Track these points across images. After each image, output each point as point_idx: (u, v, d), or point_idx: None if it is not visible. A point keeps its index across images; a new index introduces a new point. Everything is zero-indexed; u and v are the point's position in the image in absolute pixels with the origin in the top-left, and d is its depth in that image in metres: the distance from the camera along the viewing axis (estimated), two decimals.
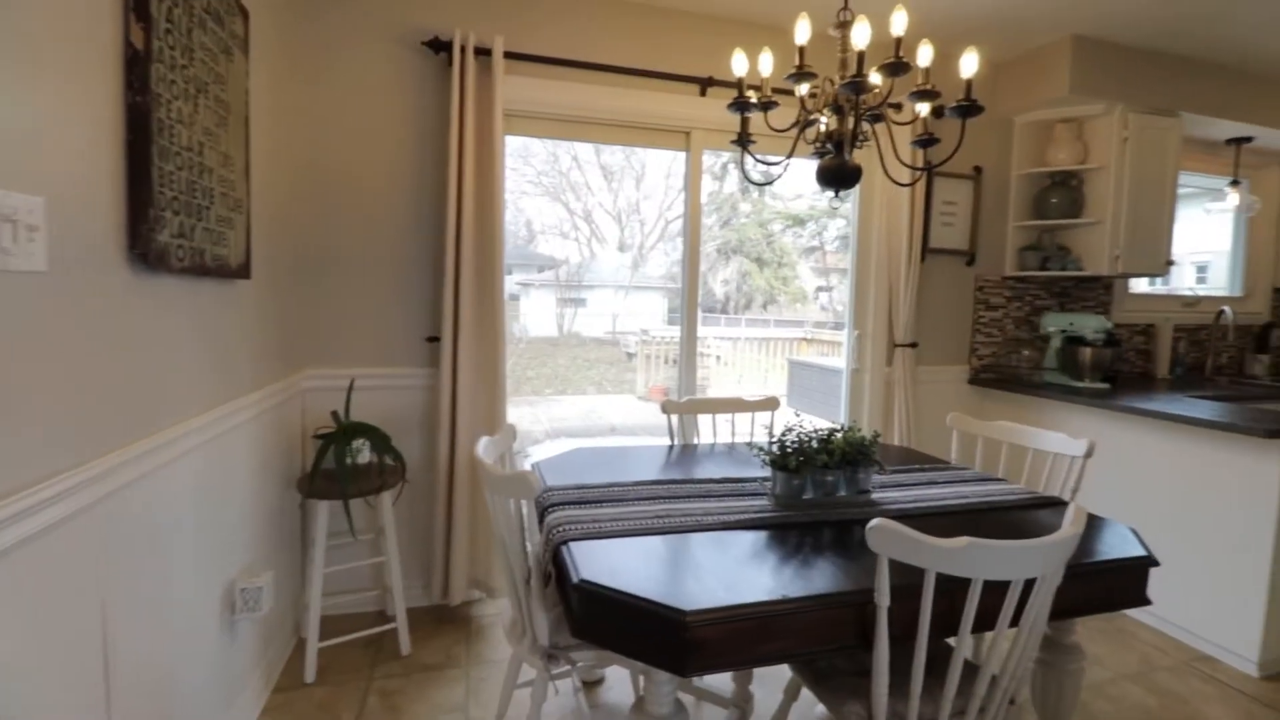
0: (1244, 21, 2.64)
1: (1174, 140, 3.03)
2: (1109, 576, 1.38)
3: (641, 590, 1.12)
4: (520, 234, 16.23)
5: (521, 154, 14.40)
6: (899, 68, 1.45)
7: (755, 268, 17.42)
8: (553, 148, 14.69)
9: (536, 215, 17.09)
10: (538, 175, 15.97)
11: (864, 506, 1.59)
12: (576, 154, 15.57)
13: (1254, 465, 2.13)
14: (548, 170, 15.85)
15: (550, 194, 16.17)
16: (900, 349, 2.92)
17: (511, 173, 13.34)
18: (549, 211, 17.03)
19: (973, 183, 3.11)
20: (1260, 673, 2.13)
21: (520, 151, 13.93)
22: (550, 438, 5.58)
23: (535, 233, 17.07)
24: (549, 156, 15.86)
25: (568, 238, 16.62)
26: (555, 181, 15.68)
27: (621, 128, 2.66)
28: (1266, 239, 3.89)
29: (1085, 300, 3.38)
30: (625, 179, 17.30)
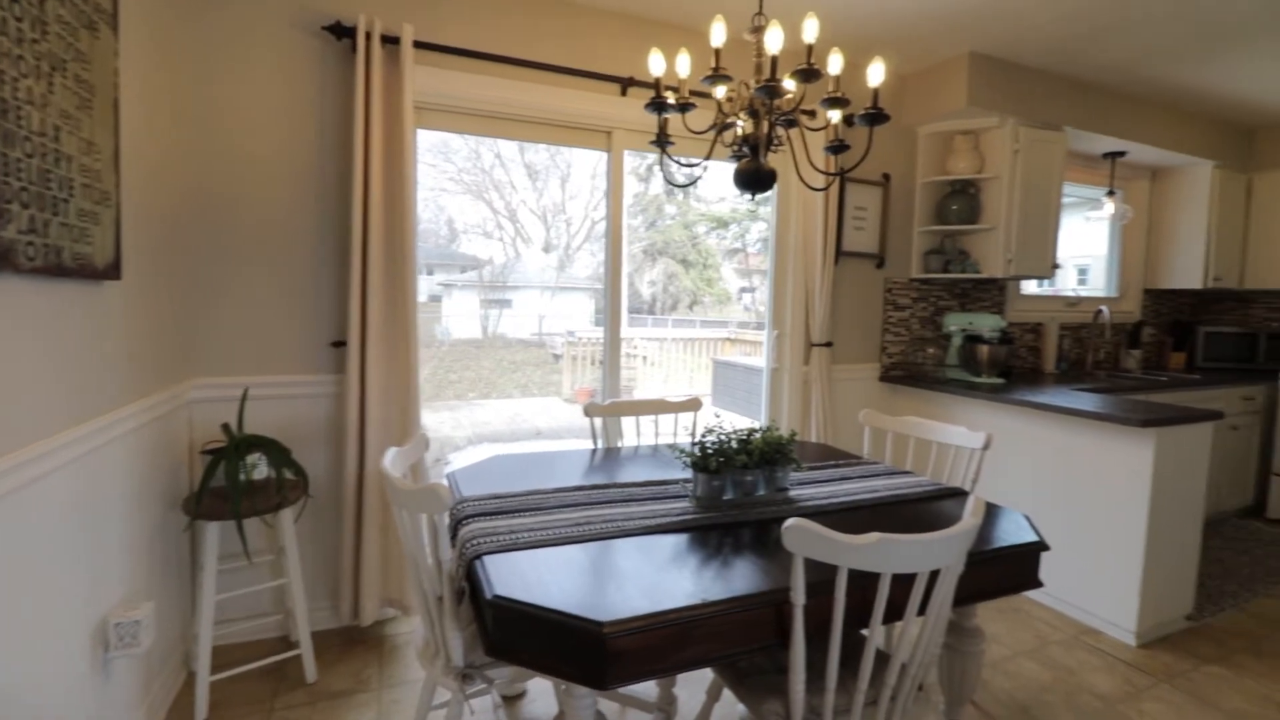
0: (1119, 47, 2.90)
1: (1059, 153, 3.29)
2: (1006, 563, 1.46)
3: (558, 603, 1.08)
4: (441, 233, 15.71)
5: (441, 150, 13.93)
6: (810, 74, 1.48)
7: (681, 269, 17.66)
8: (475, 145, 14.31)
9: (459, 214, 16.59)
10: (459, 172, 15.49)
11: (782, 505, 1.62)
12: (500, 151, 15.23)
13: (1130, 451, 2.34)
14: (469, 168, 15.41)
15: (473, 192, 15.74)
16: (816, 348, 3.01)
17: (430, 169, 12.87)
18: (472, 210, 16.56)
19: (882, 189, 3.26)
20: (1137, 641, 2.33)
21: (439, 147, 13.47)
22: (473, 444, 5.42)
23: (457, 232, 16.56)
24: (471, 153, 15.42)
25: (491, 237, 16.24)
26: (478, 179, 15.28)
27: (541, 125, 2.60)
28: (1137, 245, 4.30)
29: (983, 301, 3.61)
30: (551, 178, 17.08)
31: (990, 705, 1.96)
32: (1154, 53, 2.94)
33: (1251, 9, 2.49)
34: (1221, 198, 3.95)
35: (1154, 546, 2.31)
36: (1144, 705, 1.98)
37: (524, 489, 1.65)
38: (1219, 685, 2.10)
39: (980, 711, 1.93)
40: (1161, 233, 4.19)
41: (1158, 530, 2.31)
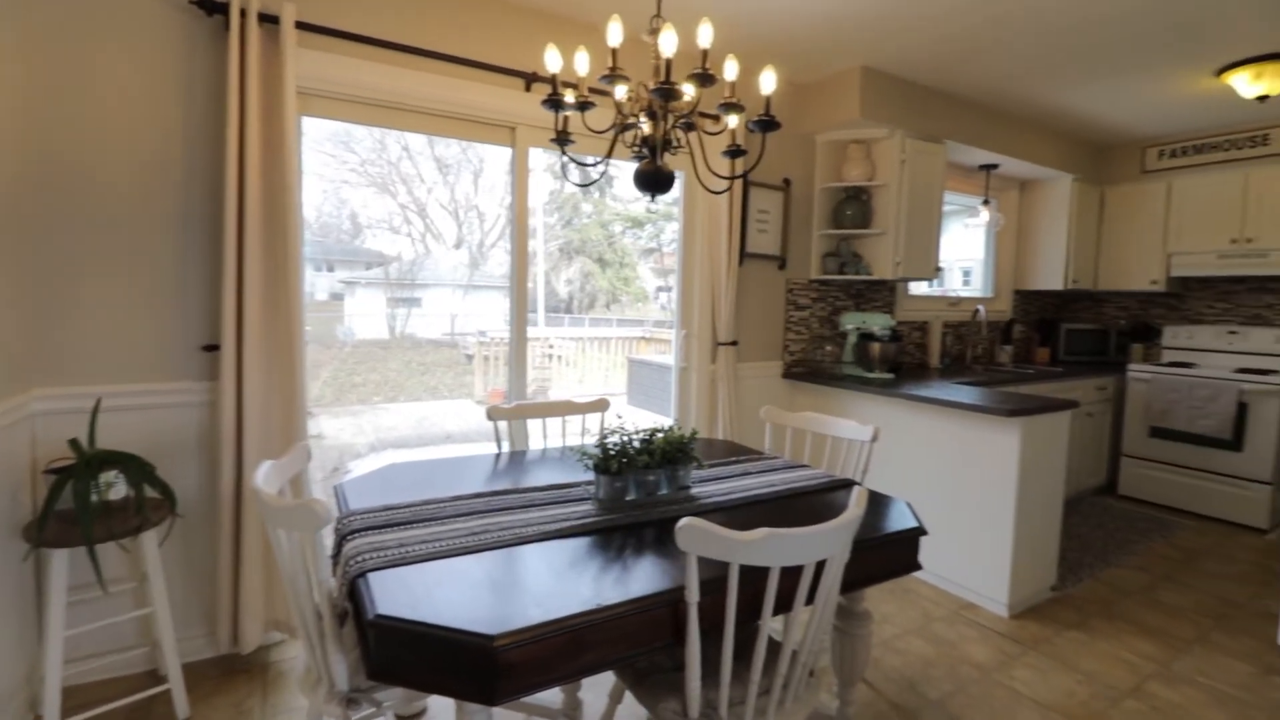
0: (990, 68, 3.15)
1: (940, 164, 3.54)
2: (890, 549, 1.55)
3: (447, 619, 1.04)
4: (344, 227, 14.86)
5: (343, 139, 13.16)
6: (706, 79, 1.50)
7: (598, 268, 17.64)
8: (380, 135, 13.61)
9: (363, 207, 15.75)
10: (363, 164, 14.70)
11: (684, 503, 1.64)
12: (407, 143, 14.57)
13: (1000, 439, 2.55)
14: (374, 159, 14.66)
15: (379, 185, 14.98)
16: (723, 347, 3.08)
17: (329, 159, 12.12)
18: (377, 204, 15.77)
19: (783, 193, 3.38)
20: (1009, 613, 2.55)
21: (340, 137, 12.73)
22: (376, 451, 5.16)
23: (362, 226, 15.72)
24: (376, 144, 14.65)
25: (399, 233, 15.54)
26: (384, 171, 14.56)
27: (442, 118, 2.51)
28: (1009, 250, 4.70)
29: (875, 301, 3.83)
30: (463, 173, 16.54)
31: (881, 683, 2.08)
32: (1020, 75, 3.23)
33: (1096, 42, 2.78)
34: (1079, 208, 4.39)
35: (1022, 525, 2.53)
36: (1015, 672, 2.17)
37: (419, 499, 1.58)
38: (1078, 649, 2.33)
39: (872, 689, 2.04)
40: (1029, 239, 4.61)
41: (1025, 510, 2.54)
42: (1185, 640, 2.40)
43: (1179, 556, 3.21)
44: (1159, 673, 2.18)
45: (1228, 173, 3.95)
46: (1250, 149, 3.89)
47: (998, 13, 2.54)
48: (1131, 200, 4.40)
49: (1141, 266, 4.34)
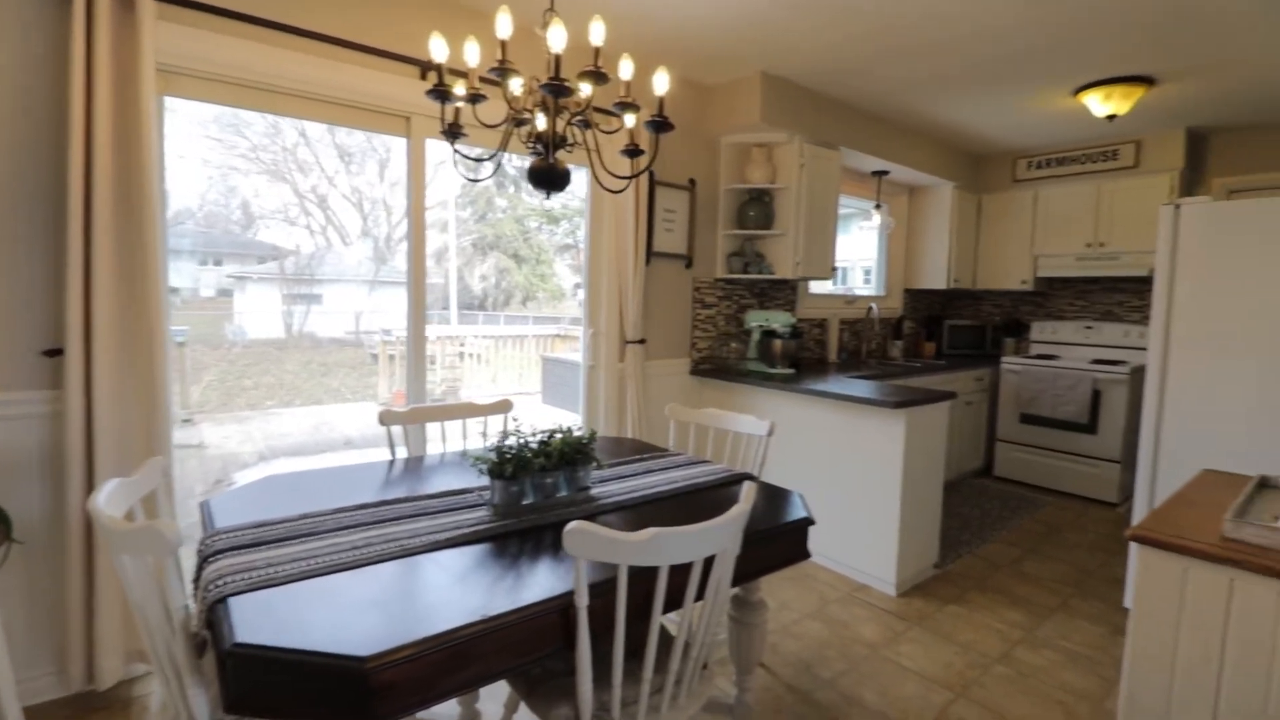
0: (879, 79, 3.33)
1: (836, 169, 3.71)
2: (780, 540, 1.61)
3: (313, 643, 0.97)
4: (234, 218, 13.73)
5: (230, 122, 12.13)
6: (598, 77, 1.49)
7: (514, 264, 17.29)
8: (274, 120, 12.66)
9: (255, 196, 14.61)
10: (254, 150, 13.63)
11: (583, 504, 1.62)
12: (305, 129, 13.63)
13: (887, 429, 2.71)
14: (268, 145, 13.62)
15: (273, 173, 13.95)
16: (631, 345, 3.09)
17: (214, 144, 11.16)
18: (272, 193, 14.68)
19: (689, 193, 3.43)
20: (897, 592, 2.72)
21: (228, 119, 11.73)
22: (265, 460, 4.81)
23: (254, 217, 14.59)
24: (269, 128, 13.60)
25: (296, 224, 14.54)
26: (278, 158, 13.57)
27: (329, 104, 2.36)
28: (899, 251, 5.02)
29: (778, 299, 3.97)
30: (368, 162, 15.67)
31: (779, 667, 2.16)
32: (906, 87, 3.44)
33: (970, 59, 3.00)
34: (959, 213, 4.75)
35: (907, 508, 2.71)
36: (901, 647, 2.32)
37: (296, 513, 1.48)
38: (956, 621, 2.52)
39: (770, 674, 2.12)
40: (917, 241, 4.94)
41: (910, 494, 2.71)
42: (1048, 607, 2.65)
43: (1044, 530, 3.54)
44: (1025, 639, 2.39)
45: (1084, 183, 4.39)
46: (1103, 163, 4.34)
47: (882, 27, 2.69)
48: (1004, 207, 4.80)
49: (1013, 267, 4.75)
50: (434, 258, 15.87)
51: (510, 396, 2.41)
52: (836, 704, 1.97)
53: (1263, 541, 1.22)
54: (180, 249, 12.05)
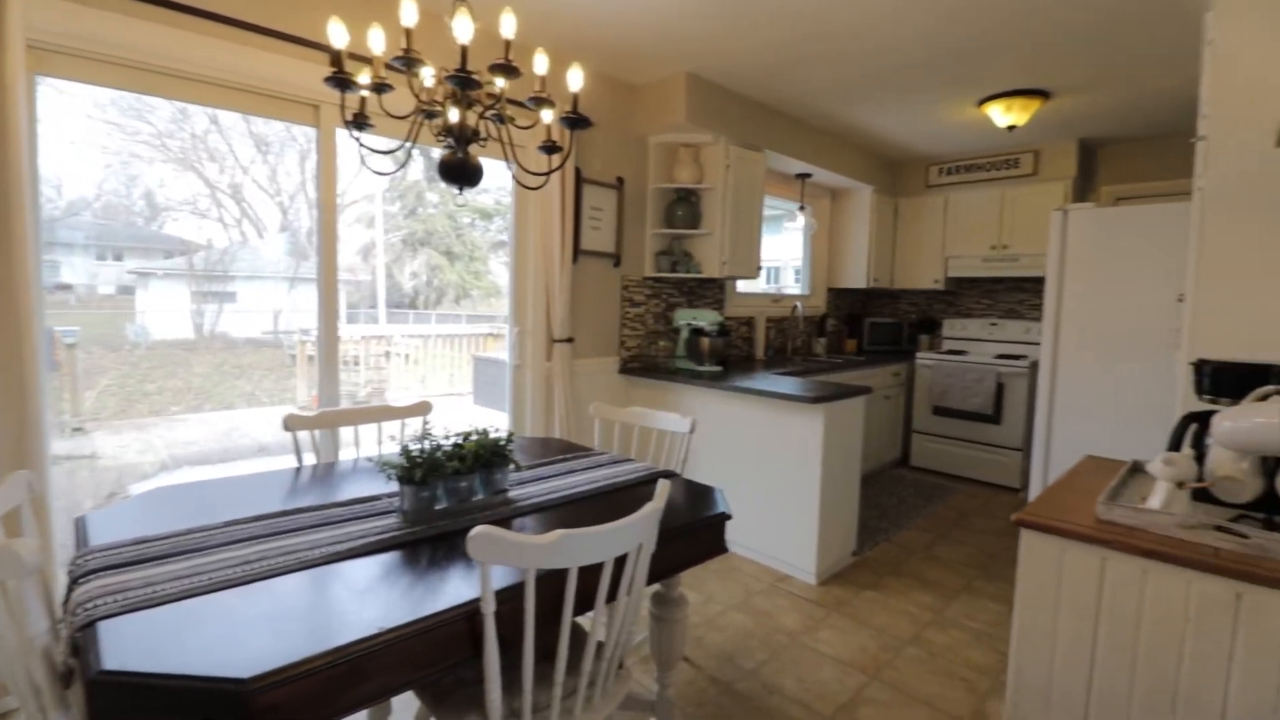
0: (800, 84, 3.43)
1: (760, 170, 3.80)
2: (699, 535, 1.63)
3: (190, 666, 0.91)
4: (136, 209, 12.74)
5: (133, 106, 11.25)
6: (508, 70, 1.46)
7: (446, 261, 16.81)
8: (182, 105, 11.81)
9: (160, 186, 13.60)
10: (160, 136, 12.68)
11: (500, 507, 1.59)
12: (217, 115, 12.80)
13: (807, 423, 2.80)
14: (174, 131, 12.70)
15: (180, 162, 13.02)
16: (558, 344, 3.06)
17: (112, 129, 10.33)
18: (180, 183, 13.70)
19: (617, 192, 3.43)
20: (817, 580, 2.81)
21: (130, 103, 10.87)
22: (168, 470, 4.48)
23: (160, 208, 13.58)
24: (176, 114, 12.68)
25: (207, 217, 13.64)
26: (186, 146, 12.67)
27: (230, 90, 2.22)
28: (822, 251, 5.19)
29: (706, 298, 4.03)
30: (287, 153, 14.87)
31: (703, 660, 2.19)
32: (826, 93, 3.55)
33: (883, 68, 3.13)
34: (878, 216, 4.96)
35: (827, 499, 2.81)
36: (820, 634, 2.40)
37: (184, 527, 1.38)
38: (872, 606, 2.63)
39: (694, 667, 2.15)
40: (839, 242, 5.12)
41: (829, 486, 2.81)
42: (955, 589, 2.81)
43: (955, 516, 3.75)
44: (934, 620, 2.53)
45: (989, 190, 4.68)
46: (1005, 170, 4.63)
47: (799, 35, 2.77)
48: (918, 211, 5.05)
49: (927, 268, 5.00)
50: (361, 254, 15.23)
51: (441, 398, 2.35)
52: (757, 693, 2.02)
53: (1130, 522, 1.32)
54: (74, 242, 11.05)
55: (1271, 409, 1.19)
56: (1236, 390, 1.43)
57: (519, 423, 3.09)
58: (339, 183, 2.48)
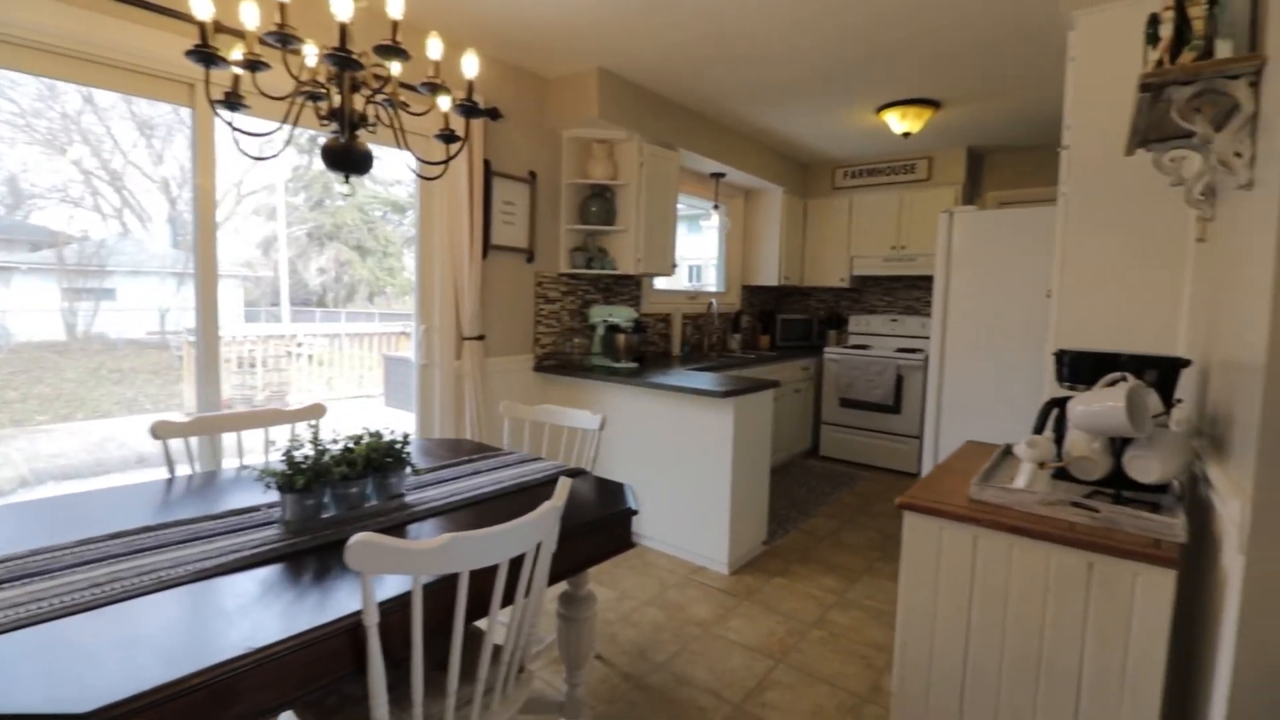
0: (711, 86, 3.49)
1: (674, 169, 3.83)
2: (607, 531, 1.62)
3: (18, 704, 0.81)
4: None
5: None
6: (394, 52, 1.39)
7: (356, 256, 15.99)
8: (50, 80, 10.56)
9: (24, 171, 12.15)
10: (24, 115, 11.31)
11: (395, 513, 1.52)
12: (92, 94, 11.56)
13: (718, 417, 2.85)
14: (42, 110, 11.38)
15: (49, 144, 11.68)
16: (468, 342, 2.97)
17: None
18: (48, 168, 12.29)
19: (529, 186, 3.37)
20: (729, 570, 2.88)
21: None
22: (29, 486, 4.02)
23: (24, 196, 12.14)
24: (44, 91, 11.35)
25: (81, 206, 12.34)
26: (56, 127, 11.39)
27: (96, 65, 2.01)
28: (737, 250, 5.32)
29: (623, 294, 4.04)
30: (176, 137, 13.67)
31: (616, 656, 2.19)
32: (736, 95, 3.63)
33: (788, 75, 3.24)
34: (788, 216, 5.13)
35: (738, 491, 2.88)
36: (731, 622, 2.45)
37: (26, 548, 1.23)
38: (781, 593, 2.71)
39: (606, 664, 2.15)
40: (753, 241, 5.26)
41: (740, 477, 2.88)
42: (858, 572, 2.95)
43: (859, 502, 3.95)
44: (837, 602, 2.64)
45: (889, 193, 4.94)
46: (903, 175, 4.90)
47: (708, 37, 2.81)
48: (826, 211, 5.27)
49: (833, 266, 5.23)
50: (261, 248, 14.23)
51: (350, 400, 2.21)
52: (668, 685, 2.04)
53: (998, 501, 1.43)
54: None
55: (1117, 394, 1.31)
56: (1090, 377, 1.57)
57: (427, 424, 2.98)
58: (235, 171, 2.31)
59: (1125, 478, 1.37)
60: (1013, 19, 2.60)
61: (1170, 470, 1.30)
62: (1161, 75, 1.18)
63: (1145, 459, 1.32)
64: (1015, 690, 1.34)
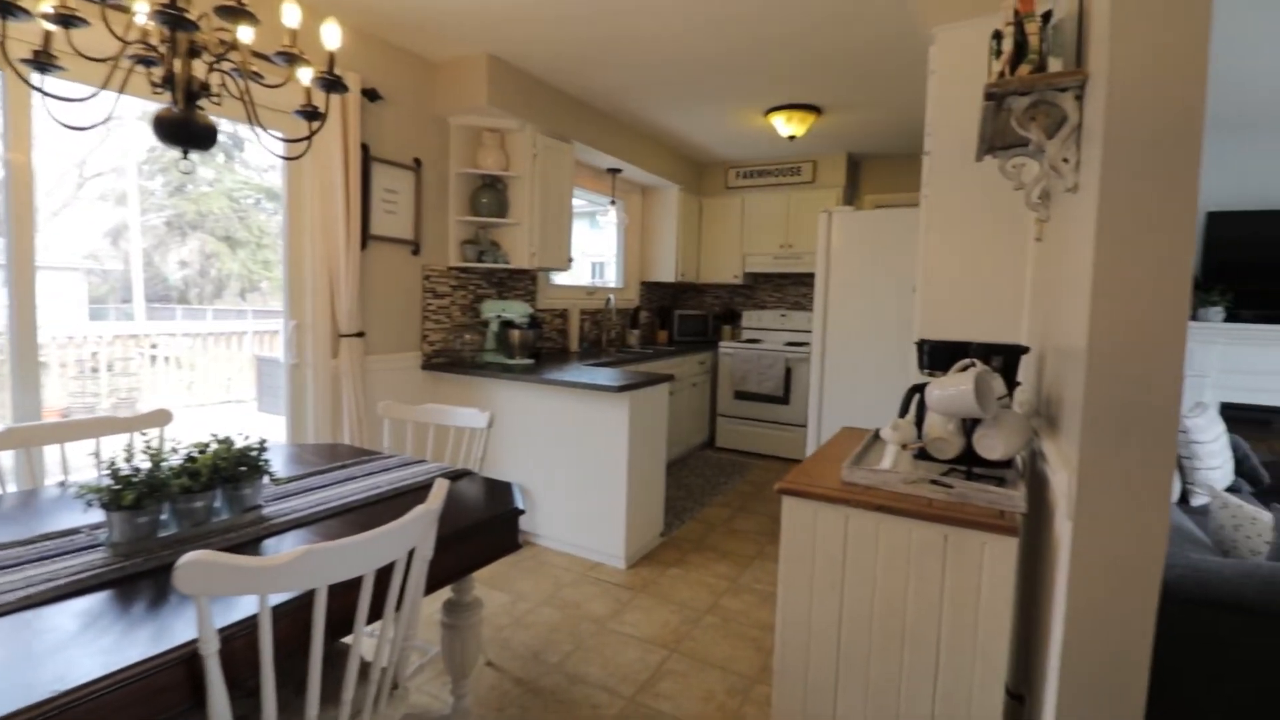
0: (604, 81, 3.47)
1: (569, 162, 3.78)
2: (491, 533, 1.56)
3: None
4: None
5: None
6: (238, 13, 1.25)
7: (225, 248, 14.58)
8: None
9: None
10: None
11: (249, 526, 1.38)
12: None
13: (613, 412, 2.85)
14: None
15: None
16: (346, 339, 2.77)
17: None
18: None
19: (414, 174, 3.19)
20: (626, 564, 2.89)
21: None
22: None
23: None
24: None
25: None
26: None
27: None
28: (635, 246, 5.35)
29: (517, 289, 3.94)
30: None
31: (508, 661, 2.13)
32: (629, 91, 3.63)
33: (678, 74, 3.28)
34: (684, 214, 5.22)
35: (634, 484, 2.88)
36: (626, 616, 2.45)
37: None
38: (676, 583, 2.75)
39: (496, 671, 2.08)
40: (650, 237, 5.31)
41: (636, 471, 2.89)
42: (749, 557, 3.05)
43: (751, 490, 4.09)
44: (729, 588, 2.72)
45: (777, 194, 5.15)
46: (790, 177, 5.13)
47: (598, 34, 2.78)
48: (720, 210, 5.42)
49: (727, 264, 5.39)
50: (110, 237, 12.62)
51: (219, 406, 1.98)
52: (561, 686, 2.00)
53: (866, 481, 1.51)
54: None
55: (966, 378, 1.42)
56: (947, 364, 1.70)
57: (300, 429, 2.75)
58: (78, 150, 1.99)
59: (975, 456, 1.49)
60: (881, 31, 2.76)
61: (1013, 447, 1.43)
62: (1003, 85, 1.29)
63: (991, 438, 1.44)
64: (884, 662, 1.43)
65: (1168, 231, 0.97)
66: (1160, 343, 0.98)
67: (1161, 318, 0.98)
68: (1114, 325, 1.02)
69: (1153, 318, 0.99)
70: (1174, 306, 0.97)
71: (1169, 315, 0.98)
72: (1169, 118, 0.98)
